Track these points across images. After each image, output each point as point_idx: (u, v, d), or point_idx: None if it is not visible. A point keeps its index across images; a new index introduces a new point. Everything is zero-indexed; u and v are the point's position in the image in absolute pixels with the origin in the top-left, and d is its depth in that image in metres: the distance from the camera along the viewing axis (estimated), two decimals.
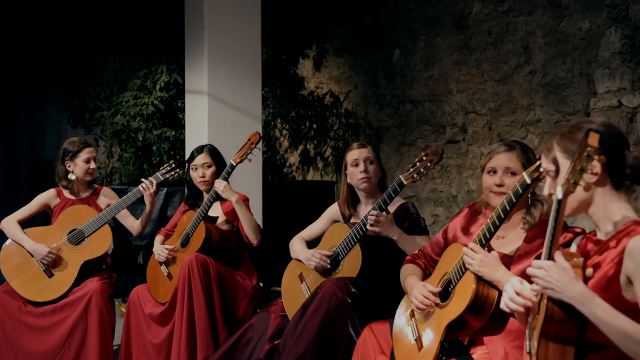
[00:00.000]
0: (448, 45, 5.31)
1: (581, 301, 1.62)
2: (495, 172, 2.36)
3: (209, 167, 3.55)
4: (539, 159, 2.07)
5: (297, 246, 3.25)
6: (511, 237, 2.32)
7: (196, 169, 3.56)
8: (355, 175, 3.08)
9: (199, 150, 3.60)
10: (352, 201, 3.19)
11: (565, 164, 1.77)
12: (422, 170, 2.78)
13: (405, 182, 2.81)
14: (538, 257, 2.18)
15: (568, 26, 4.39)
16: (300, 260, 3.19)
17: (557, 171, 1.79)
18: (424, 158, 2.79)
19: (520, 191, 2.12)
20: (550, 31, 4.50)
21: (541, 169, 2.05)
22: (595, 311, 1.61)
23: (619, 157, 1.75)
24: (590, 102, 4.24)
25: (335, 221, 3.26)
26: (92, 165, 3.68)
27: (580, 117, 4.31)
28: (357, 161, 3.08)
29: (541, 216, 2.27)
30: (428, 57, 5.51)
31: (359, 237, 2.93)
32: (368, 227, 2.86)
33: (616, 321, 1.60)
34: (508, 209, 2.14)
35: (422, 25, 5.55)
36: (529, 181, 2.10)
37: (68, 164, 3.67)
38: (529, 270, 1.72)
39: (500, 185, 2.32)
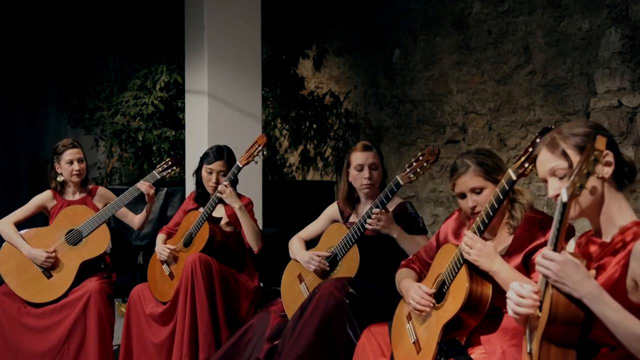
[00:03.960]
0: (448, 45, 5.31)
1: (593, 299, 1.61)
2: (464, 196, 2.36)
3: (224, 174, 3.50)
4: (526, 153, 2.06)
5: (295, 246, 3.25)
6: (499, 239, 2.33)
7: (211, 172, 3.50)
8: (358, 179, 3.07)
9: (219, 155, 3.52)
10: (352, 200, 3.18)
11: (577, 160, 1.75)
12: (418, 170, 2.76)
13: (402, 183, 2.81)
14: (532, 252, 2.19)
15: (568, 26, 4.39)
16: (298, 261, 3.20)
17: (570, 166, 1.76)
18: (421, 158, 2.77)
19: (507, 187, 2.12)
20: (550, 31, 4.50)
21: (526, 165, 2.05)
22: (605, 311, 1.60)
23: (620, 157, 1.76)
24: (590, 102, 4.24)
25: (334, 221, 3.26)
26: (76, 166, 3.64)
27: (580, 117, 4.31)
28: (361, 166, 3.05)
29: (525, 214, 2.27)
30: (428, 57, 5.50)
31: (356, 237, 2.93)
32: (369, 224, 2.86)
33: (626, 322, 1.59)
34: (496, 206, 2.15)
35: (422, 25, 5.55)
36: (514, 177, 2.09)
37: (56, 165, 3.68)
38: (538, 260, 1.69)
39: (474, 207, 2.32)
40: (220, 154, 3.53)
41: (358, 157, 3.07)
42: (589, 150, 1.58)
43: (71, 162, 3.64)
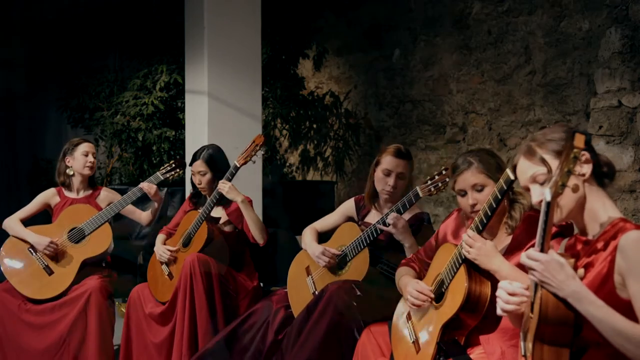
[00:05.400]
0: (448, 45, 5.31)
1: (577, 298, 1.63)
2: (465, 193, 2.35)
3: (203, 174, 3.52)
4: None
5: (308, 237, 3.23)
6: (498, 239, 2.33)
7: (194, 174, 3.56)
8: (381, 183, 3.02)
9: (197, 156, 3.55)
10: (376, 198, 3.15)
11: (555, 164, 1.78)
12: (439, 184, 2.76)
13: (421, 195, 2.81)
14: None
15: (568, 26, 4.39)
16: None
17: (549, 172, 1.79)
18: (444, 172, 2.76)
19: (505, 187, 2.11)
20: (550, 31, 4.50)
21: None
22: (590, 309, 1.62)
23: (596, 156, 1.79)
24: (590, 102, 4.23)
25: (350, 217, 3.26)
26: (90, 158, 3.70)
27: (581, 117, 4.31)
28: (389, 172, 3.00)
29: (523, 213, 2.27)
30: (428, 57, 5.50)
31: (369, 241, 2.93)
32: (385, 227, 2.86)
33: (610, 319, 1.61)
34: (494, 205, 2.15)
35: (422, 25, 5.55)
36: (512, 177, 2.09)
37: (68, 159, 3.72)
38: (523, 260, 1.71)
39: (474, 205, 2.32)
40: (198, 154, 3.55)
41: (388, 162, 3.00)
42: (568, 149, 1.60)
43: (86, 154, 3.70)
